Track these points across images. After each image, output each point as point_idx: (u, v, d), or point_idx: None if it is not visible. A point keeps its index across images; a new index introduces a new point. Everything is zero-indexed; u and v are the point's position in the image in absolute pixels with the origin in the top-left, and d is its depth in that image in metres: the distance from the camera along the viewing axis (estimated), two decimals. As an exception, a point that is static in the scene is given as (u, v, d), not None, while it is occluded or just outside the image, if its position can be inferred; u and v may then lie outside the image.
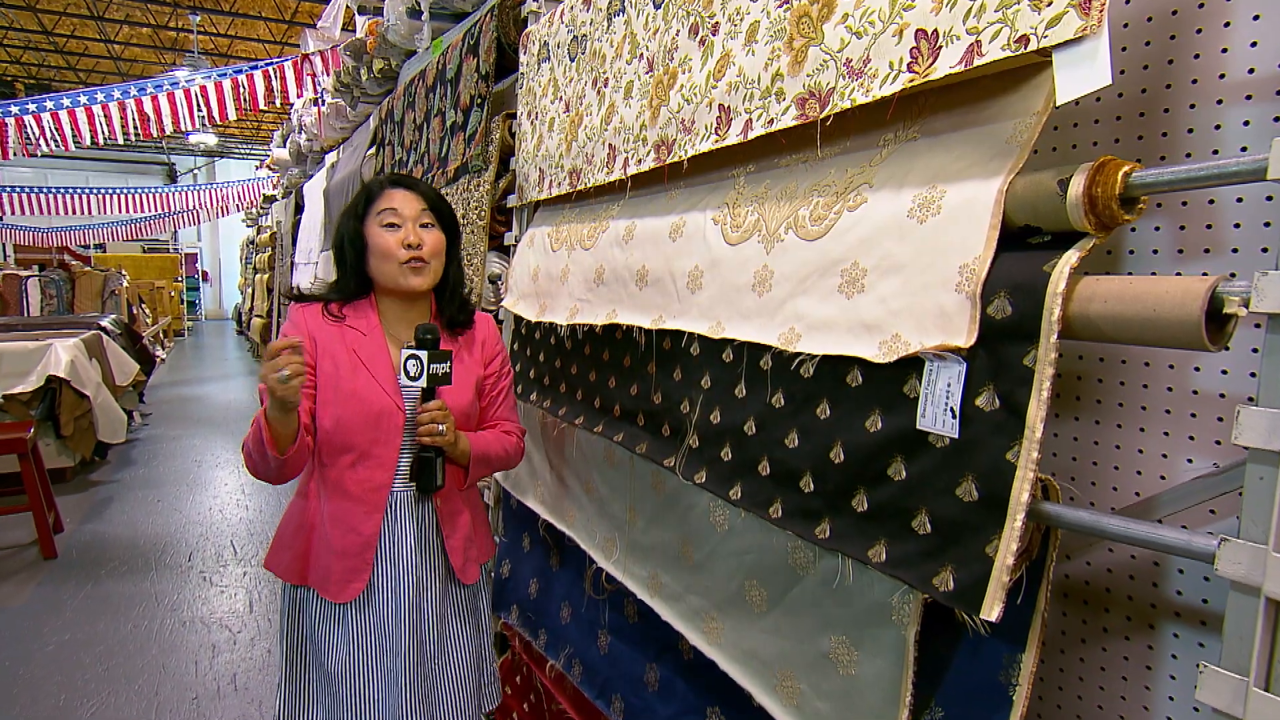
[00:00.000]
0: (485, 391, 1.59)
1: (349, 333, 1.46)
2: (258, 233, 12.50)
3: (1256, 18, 0.87)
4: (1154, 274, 0.96)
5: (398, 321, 1.51)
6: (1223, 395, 0.91)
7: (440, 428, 1.39)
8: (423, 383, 1.36)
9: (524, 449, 1.66)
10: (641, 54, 1.50)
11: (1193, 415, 0.93)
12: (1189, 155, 0.92)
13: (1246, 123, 0.88)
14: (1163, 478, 0.96)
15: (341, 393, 1.41)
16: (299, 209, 6.63)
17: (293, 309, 1.49)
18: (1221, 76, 0.89)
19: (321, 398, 1.43)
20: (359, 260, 1.48)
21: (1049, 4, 0.78)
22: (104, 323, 6.18)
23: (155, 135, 6.69)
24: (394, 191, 1.46)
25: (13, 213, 12.33)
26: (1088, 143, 1.03)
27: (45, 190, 12.85)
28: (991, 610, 0.83)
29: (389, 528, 1.46)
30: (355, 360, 1.43)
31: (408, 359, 1.36)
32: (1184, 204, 0.93)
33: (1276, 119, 0.86)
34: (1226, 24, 0.89)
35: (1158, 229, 0.96)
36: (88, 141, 6.17)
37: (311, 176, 6.10)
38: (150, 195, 14.40)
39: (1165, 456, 0.96)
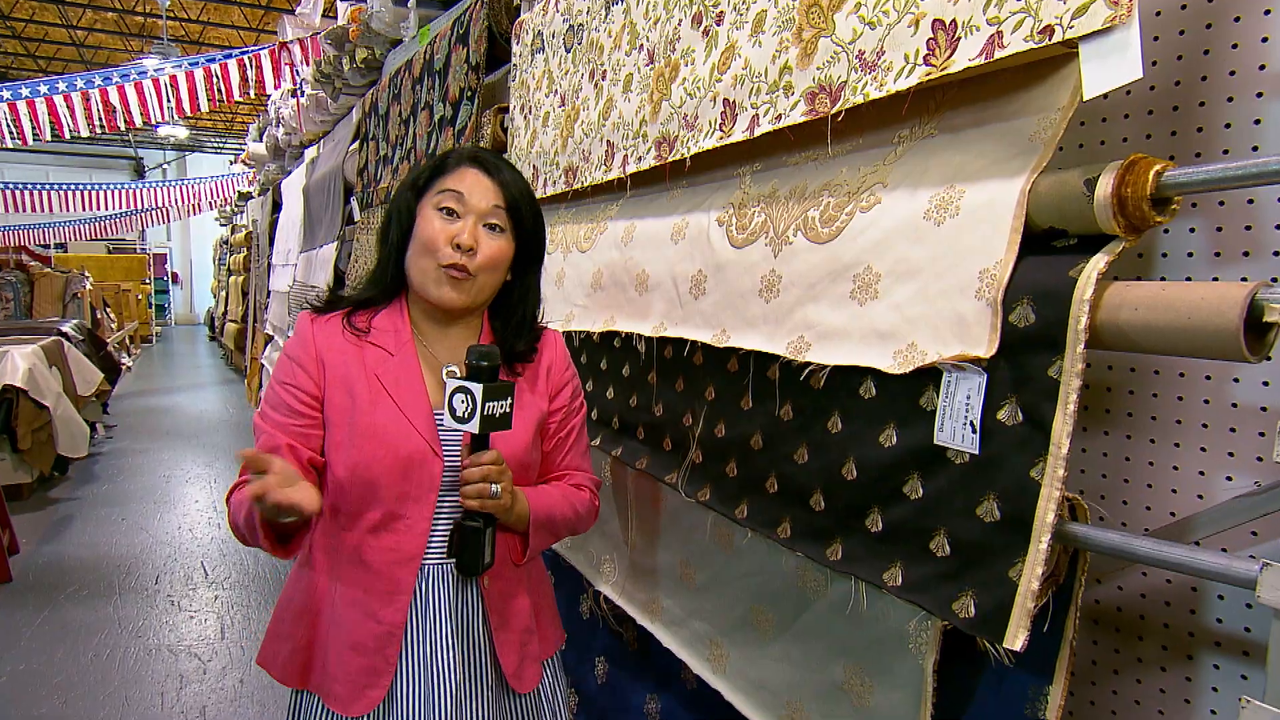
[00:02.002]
0: (550, 432, 1.31)
1: (371, 351, 1.19)
2: (232, 232, 12.54)
3: (1296, 6, 0.87)
4: (1189, 279, 0.96)
5: (436, 340, 1.24)
6: (1264, 409, 0.91)
7: (494, 488, 1.12)
8: (474, 427, 1.08)
9: (598, 508, 1.37)
10: (641, 45, 1.51)
11: (1231, 430, 0.94)
12: (1226, 152, 0.93)
13: (1286, 118, 0.88)
14: (1200, 497, 0.96)
15: (358, 431, 1.15)
16: (276, 207, 6.66)
17: (301, 320, 1.23)
18: (1261, 68, 0.90)
19: (333, 439, 1.17)
20: (402, 243, 1.23)
21: (1074, -7, 0.79)
22: (65, 328, 6.19)
23: (121, 127, 6.71)
24: (468, 171, 1.20)
25: (-33, 210, 12.38)
26: (1117, 139, 1.04)
27: (2, 186, 12.88)
28: (1015, 639, 0.83)
29: (418, 616, 1.17)
30: (377, 387, 1.17)
31: (455, 392, 1.09)
32: (1221, 204, 0.94)
33: (1317, 114, 0.86)
34: (1267, 11, 0.89)
35: (1193, 230, 0.97)
36: (48, 134, 6.19)
37: (290, 173, 6.13)
38: (116, 191, 14.43)
39: (1202, 474, 0.96)
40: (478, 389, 1.07)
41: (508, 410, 1.11)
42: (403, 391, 1.18)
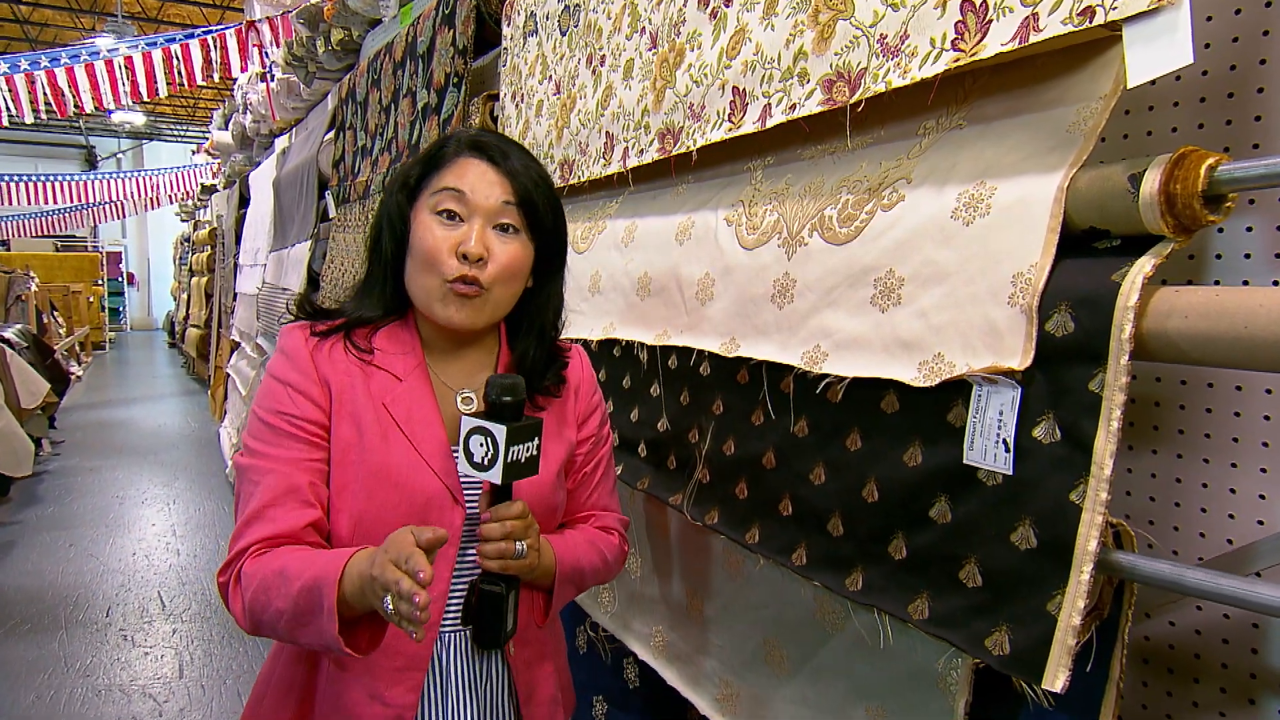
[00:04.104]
0: (576, 465, 1.25)
1: (377, 377, 1.10)
2: (194, 229, 12.58)
3: (1359, -14, 0.88)
4: (1245, 283, 0.97)
5: (448, 363, 1.16)
6: (1326, 426, 0.91)
7: (519, 546, 1.03)
8: (496, 476, 0.99)
9: (627, 553, 1.31)
10: (643, 28, 1.52)
11: (1291, 449, 0.94)
12: (1285, 144, 0.93)
13: (1349, 107, 0.89)
14: (1260, 523, 0.96)
15: (365, 472, 1.05)
16: (244, 201, 6.68)
17: (291, 337, 1.11)
18: (1322, 52, 0.90)
19: (336, 482, 1.07)
20: (398, 256, 1.13)
21: (1116, -29, 0.79)
22: (8, 334, 6.20)
23: (71, 113, 6.74)
24: (469, 162, 1.09)
25: (-98, 204, 12.44)
26: (1165, 129, 1.04)
27: (-59, 178, 12.96)
28: (1055, 679, 0.83)
29: (435, 695, 1.10)
30: (386, 419, 1.08)
31: (471, 434, 1.00)
32: None
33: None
34: (1325, -8, 0.90)
35: (1250, 230, 0.97)
36: (-11, 122, 6.22)
37: (259, 164, 6.15)
38: (65, 183, 14.50)
39: (1263, 498, 0.96)
40: (500, 431, 0.98)
41: (534, 454, 1.03)
42: (415, 424, 1.09)
